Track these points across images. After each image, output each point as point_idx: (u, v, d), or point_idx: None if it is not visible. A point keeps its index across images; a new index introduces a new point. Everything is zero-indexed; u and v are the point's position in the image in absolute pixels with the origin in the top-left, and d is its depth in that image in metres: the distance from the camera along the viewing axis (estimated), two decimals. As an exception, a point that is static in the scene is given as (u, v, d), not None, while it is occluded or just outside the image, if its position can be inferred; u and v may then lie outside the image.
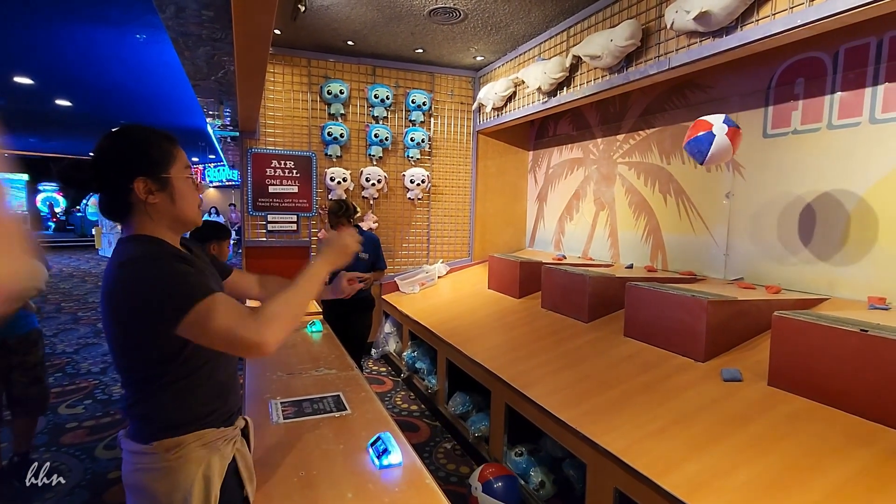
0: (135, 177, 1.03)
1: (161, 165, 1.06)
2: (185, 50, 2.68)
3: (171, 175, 1.07)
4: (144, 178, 1.04)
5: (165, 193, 1.07)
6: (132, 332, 1.00)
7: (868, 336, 1.69)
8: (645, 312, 2.58)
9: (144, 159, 1.05)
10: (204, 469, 1.09)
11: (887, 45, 2.25)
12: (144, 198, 1.04)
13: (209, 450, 1.11)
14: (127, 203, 1.05)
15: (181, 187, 1.09)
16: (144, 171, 1.04)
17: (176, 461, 1.07)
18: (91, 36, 4.92)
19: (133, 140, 1.07)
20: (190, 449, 1.08)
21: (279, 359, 2.38)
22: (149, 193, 1.04)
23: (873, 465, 1.48)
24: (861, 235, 2.37)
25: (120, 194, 1.05)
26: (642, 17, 2.83)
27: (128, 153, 1.05)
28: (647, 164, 3.60)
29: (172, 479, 1.06)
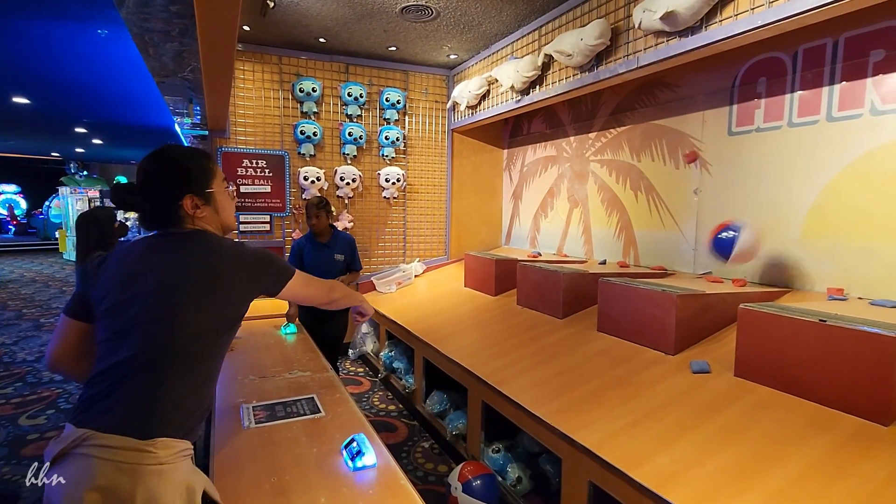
0: (183, 195, 1.16)
1: (205, 182, 1.20)
2: (150, 47, 2.59)
3: (214, 189, 1.22)
4: (192, 196, 1.17)
5: (210, 207, 1.21)
6: (219, 301, 1.13)
7: (826, 326, 1.76)
8: (617, 307, 2.63)
9: (190, 178, 1.18)
10: (189, 480, 1.06)
11: (842, 46, 2.34)
12: (192, 213, 1.18)
13: (188, 462, 1.09)
14: (175, 216, 1.18)
15: (222, 199, 1.25)
16: (191, 189, 1.17)
17: (168, 466, 1.01)
18: (49, 30, 4.72)
19: (177, 161, 1.18)
20: (179, 456, 1.05)
21: (251, 362, 2.33)
22: (195, 208, 1.18)
23: (832, 450, 1.54)
24: (820, 229, 2.46)
25: (170, 211, 1.17)
26: (611, 16, 2.87)
27: (175, 174, 1.17)
28: (618, 162, 3.67)
29: (160, 484, 0.99)
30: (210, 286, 1.12)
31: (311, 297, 1.42)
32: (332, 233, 3.32)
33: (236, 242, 1.23)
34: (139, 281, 1.10)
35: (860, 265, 2.31)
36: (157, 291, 1.08)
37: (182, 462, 1.06)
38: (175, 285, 1.09)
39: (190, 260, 1.12)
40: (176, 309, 1.07)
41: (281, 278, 1.28)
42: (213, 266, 1.13)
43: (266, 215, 4.42)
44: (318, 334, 3.09)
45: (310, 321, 3.21)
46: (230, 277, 1.15)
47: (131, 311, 1.07)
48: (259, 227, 4.41)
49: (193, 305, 1.09)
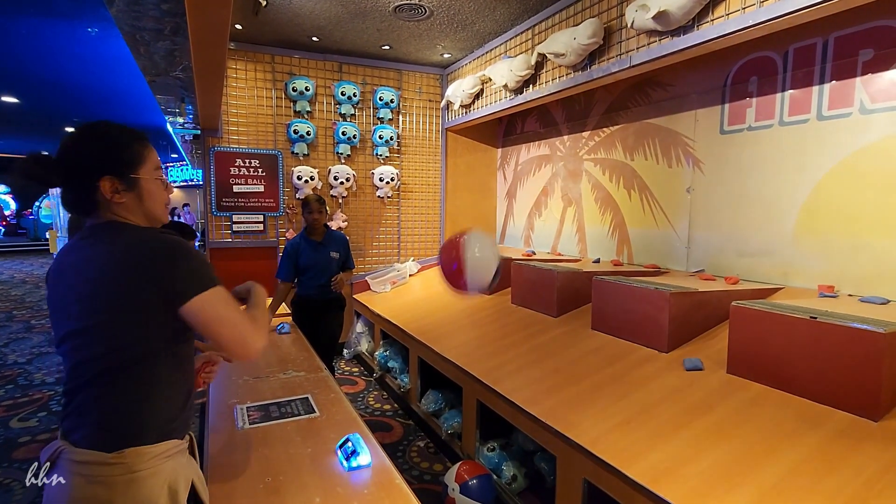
0: (101, 176, 1.02)
1: (130, 166, 1.05)
2: (141, 45, 2.57)
3: (140, 176, 1.07)
4: (111, 178, 1.03)
5: (133, 193, 1.06)
6: (136, 310, 0.98)
7: (816, 322, 1.77)
8: (611, 306, 2.64)
9: (113, 159, 1.04)
10: (171, 481, 1.04)
11: (832, 46, 2.36)
12: (110, 197, 1.03)
13: (175, 461, 1.06)
14: (93, 200, 1.04)
15: (150, 187, 1.09)
16: (111, 171, 1.03)
17: (145, 473, 1.00)
18: (38, 28, 4.67)
19: (102, 139, 1.05)
20: (158, 460, 1.02)
21: (245, 363, 2.32)
22: (115, 193, 1.03)
23: (823, 445, 1.56)
24: (811, 227, 2.48)
25: (85, 192, 1.03)
26: (604, 15, 2.88)
27: (95, 152, 1.03)
28: (611, 161, 3.68)
29: (137, 492, 0.99)
30: (116, 293, 0.98)
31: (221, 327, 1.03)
32: (325, 231, 3.29)
33: (156, 235, 1.04)
34: (59, 288, 1.04)
35: (850, 262, 2.34)
36: (74, 301, 1.00)
37: (163, 465, 1.03)
38: (86, 294, 0.99)
39: (98, 264, 1.00)
40: (90, 320, 0.99)
41: (194, 282, 1.00)
42: (119, 268, 0.99)
43: (259, 215, 4.40)
44: (314, 334, 3.08)
45: (305, 321, 3.19)
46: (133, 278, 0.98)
47: (60, 322, 1.03)
48: (252, 227, 4.39)
49: (105, 316, 0.98)
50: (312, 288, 3.19)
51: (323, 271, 3.19)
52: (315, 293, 3.20)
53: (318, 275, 3.18)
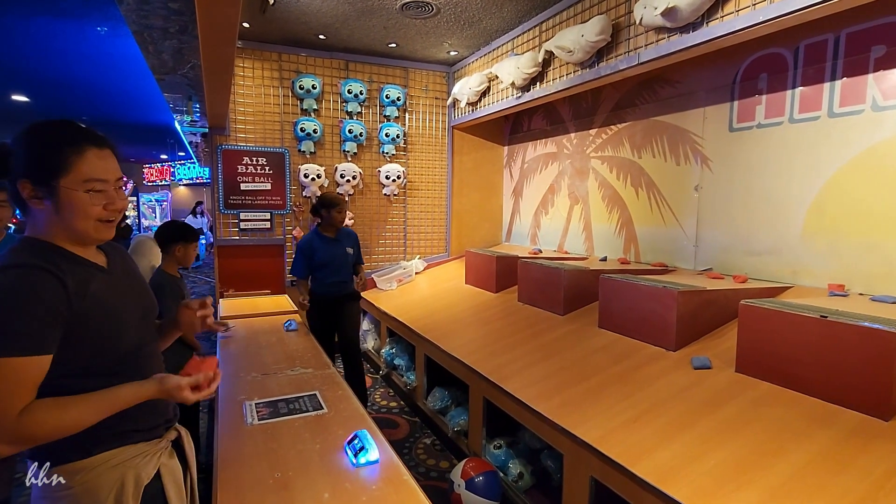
0: (20, 178, 0.95)
1: (49, 173, 0.95)
2: (150, 44, 2.59)
3: (60, 185, 0.95)
4: (29, 182, 0.95)
5: (51, 202, 0.96)
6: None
7: (827, 322, 1.76)
8: (618, 304, 2.63)
9: (32, 163, 0.95)
10: (116, 494, 1.00)
11: (844, 42, 2.34)
12: (28, 201, 0.97)
13: (123, 470, 1.02)
14: (21, 200, 0.97)
15: (71, 200, 0.96)
16: (28, 175, 0.95)
17: (81, 487, 0.98)
18: (48, 28, 4.71)
19: (32, 139, 0.97)
20: (98, 472, 0.99)
21: (253, 359, 2.34)
22: (33, 198, 0.96)
23: (833, 445, 1.54)
24: (821, 225, 2.46)
25: (13, 189, 0.97)
26: (612, 12, 2.87)
27: (21, 152, 0.96)
28: (619, 159, 3.66)
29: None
30: None
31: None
32: (337, 227, 3.31)
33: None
34: None
35: (861, 261, 2.32)
36: None
37: (102, 477, 1.00)
38: None
39: None
40: None
41: None
42: None
43: (266, 213, 4.42)
44: (332, 329, 3.12)
45: (324, 316, 3.21)
46: None
47: None
48: (259, 225, 4.41)
49: None
50: (330, 284, 3.23)
51: (340, 267, 3.23)
52: (334, 289, 3.23)
53: (334, 271, 3.22)
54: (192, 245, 2.52)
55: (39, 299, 0.90)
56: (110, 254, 1.12)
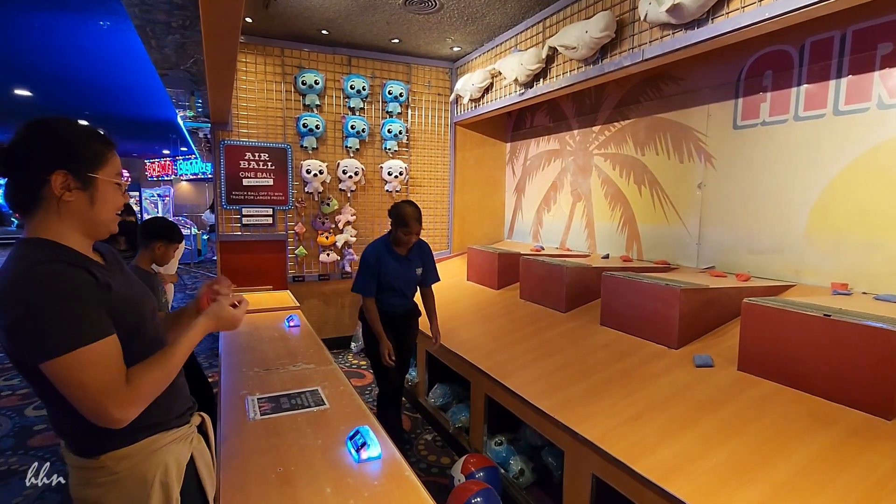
0: (54, 169, 0.94)
1: (89, 164, 0.99)
2: (152, 39, 2.59)
3: (98, 176, 1.00)
4: (65, 173, 0.95)
5: (86, 194, 0.99)
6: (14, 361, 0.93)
7: (830, 320, 1.75)
8: (620, 301, 2.63)
9: (71, 153, 0.97)
10: (161, 475, 1.05)
11: (850, 39, 2.32)
12: (59, 193, 0.96)
13: (164, 454, 1.06)
14: (37, 196, 0.96)
15: (105, 191, 1.01)
16: (66, 165, 0.96)
17: (128, 472, 1.01)
18: (51, 22, 4.71)
19: (62, 132, 0.98)
20: (143, 457, 1.03)
21: (256, 354, 2.35)
22: (66, 190, 0.96)
23: (835, 444, 1.54)
24: (825, 224, 2.45)
25: (31, 185, 0.95)
26: (616, 8, 2.85)
27: (53, 143, 0.96)
28: (622, 156, 3.65)
29: (126, 490, 1.01)
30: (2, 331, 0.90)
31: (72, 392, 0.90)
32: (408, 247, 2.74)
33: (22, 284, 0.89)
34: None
35: (865, 260, 2.31)
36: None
37: (147, 461, 1.04)
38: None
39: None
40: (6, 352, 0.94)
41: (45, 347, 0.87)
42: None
43: (268, 208, 4.42)
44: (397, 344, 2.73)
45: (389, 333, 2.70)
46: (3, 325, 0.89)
47: None
48: (262, 221, 4.41)
49: (7, 351, 0.92)
50: (396, 305, 2.74)
51: (407, 288, 2.77)
52: (399, 310, 2.76)
53: (402, 292, 2.75)
54: (174, 246, 2.45)
55: (84, 288, 0.93)
56: (105, 254, 1.13)
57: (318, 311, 4.68)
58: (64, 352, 0.88)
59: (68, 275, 0.92)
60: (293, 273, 4.56)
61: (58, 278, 0.90)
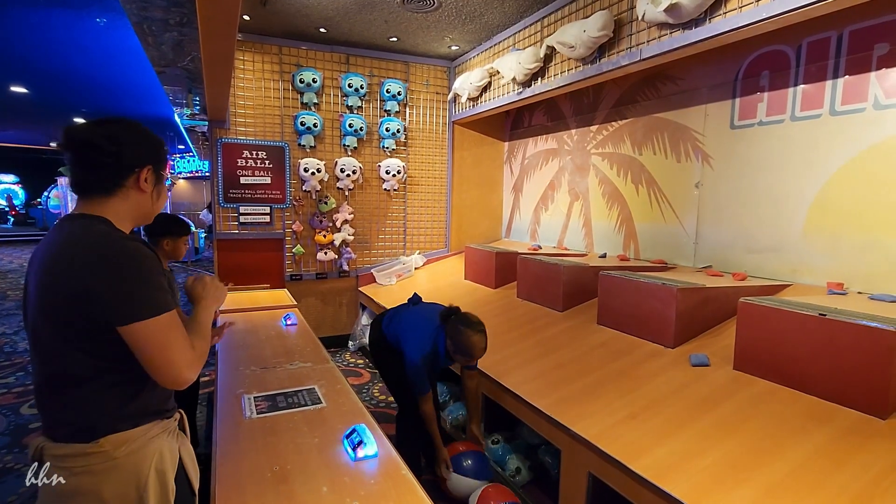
0: (146, 163, 1.12)
1: (163, 164, 1.18)
2: (149, 36, 2.58)
3: (165, 174, 1.20)
4: (152, 168, 1.13)
5: (156, 188, 1.17)
6: (86, 321, 0.98)
7: (826, 320, 1.76)
8: (617, 300, 2.64)
9: (158, 153, 1.16)
10: (157, 462, 1.08)
11: (847, 40, 2.33)
12: (141, 185, 1.11)
13: (159, 442, 1.10)
14: (120, 183, 1.09)
15: (162, 188, 1.20)
16: (155, 162, 1.14)
17: (126, 458, 1.04)
18: (47, 19, 4.69)
19: (151, 134, 1.16)
20: (141, 443, 1.06)
21: (252, 353, 2.34)
22: (147, 182, 1.13)
23: (830, 443, 1.55)
24: (821, 224, 2.46)
25: (122, 173, 1.09)
26: (615, 8, 2.85)
27: (149, 142, 1.14)
28: (619, 155, 3.66)
29: (124, 477, 1.03)
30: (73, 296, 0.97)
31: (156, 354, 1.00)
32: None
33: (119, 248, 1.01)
34: (29, 278, 1.06)
35: (860, 260, 2.32)
36: (33, 294, 1.03)
37: (145, 448, 1.07)
38: (49, 289, 1.00)
39: (51, 254, 1.01)
40: (42, 331, 1.01)
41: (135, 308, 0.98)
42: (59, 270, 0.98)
43: (266, 206, 4.41)
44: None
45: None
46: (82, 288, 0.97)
47: (27, 310, 1.07)
48: (259, 219, 4.40)
49: (66, 315, 0.99)
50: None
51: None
52: None
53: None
54: (182, 239, 2.44)
55: (158, 265, 1.07)
56: None
57: (316, 310, 4.68)
58: (154, 314, 1.00)
59: (148, 251, 1.06)
60: (290, 271, 4.56)
61: (143, 252, 1.04)
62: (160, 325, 1.01)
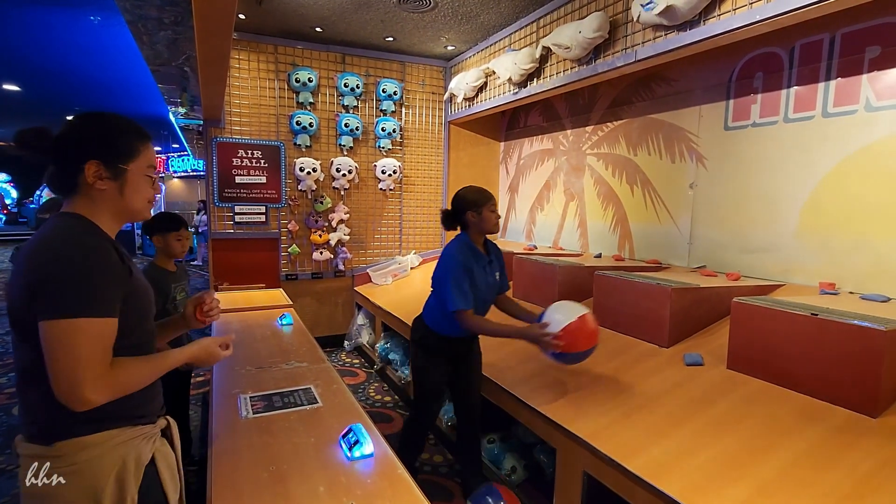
0: (88, 159, 1.03)
1: (121, 156, 1.07)
2: (144, 35, 2.57)
3: (129, 168, 1.08)
4: (97, 163, 1.04)
5: (116, 183, 1.07)
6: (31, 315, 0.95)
7: (818, 319, 1.78)
8: (612, 300, 2.65)
9: (105, 145, 1.05)
10: (118, 471, 1.03)
11: (839, 42, 2.35)
12: (92, 182, 1.04)
13: (125, 449, 1.05)
14: (74, 182, 1.05)
15: (135, 182, 1.10)
16: (99, 156, 1.04)
17: (86, 464, 1.00)
18: (41, 16, 4.65)
19: (101, 124, 1.07)
20: (104, 449, 1.02)
21: (248, 352, 2.34)
22: (98, 178, 1.05)
23: (822, 441, 1.57)
24: (813, 224, 2.48)
25: (70, 171, 1.04)
26: (610, 9, 2.87)
27: (89, 134, 1.06)
28: (614, 156, 3.67)
29: (81, 484, 0.99)
30: (23, 288, 0.96)
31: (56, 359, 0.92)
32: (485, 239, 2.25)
33: (69, 242, 0.97)
34: (11, 274, 1.05)
35: (852, 260, 2.34)
36: (7, 287, 1.02)
37: (107, 454, 1.02)
38: (12, 283, 0.99)
39: (28, 253, 0.98)
40: (12, 313, 0.99)
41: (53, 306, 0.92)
42: (24, 266, 0.97)
43: (262, 206, 4.40)
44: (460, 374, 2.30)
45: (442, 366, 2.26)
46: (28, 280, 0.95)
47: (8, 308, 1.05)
48: (254, 219, 4.39)
49: (19, 309, 0.97)
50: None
51: (487, 300, 2.22)
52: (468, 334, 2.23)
53: (484, 309, 2.22)
54: (171, 235, 2.38)
55: (114, 267, 1.01)
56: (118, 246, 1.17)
57: (312, 310, 4.67)
58: (68, 315, 0.92)
59: (100, 247, 1.00)
60: (286, 271, 4.55)
61: (89, 248, 0.98)
62: (70, 329, 0.91)
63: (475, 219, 2.13)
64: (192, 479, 2.43)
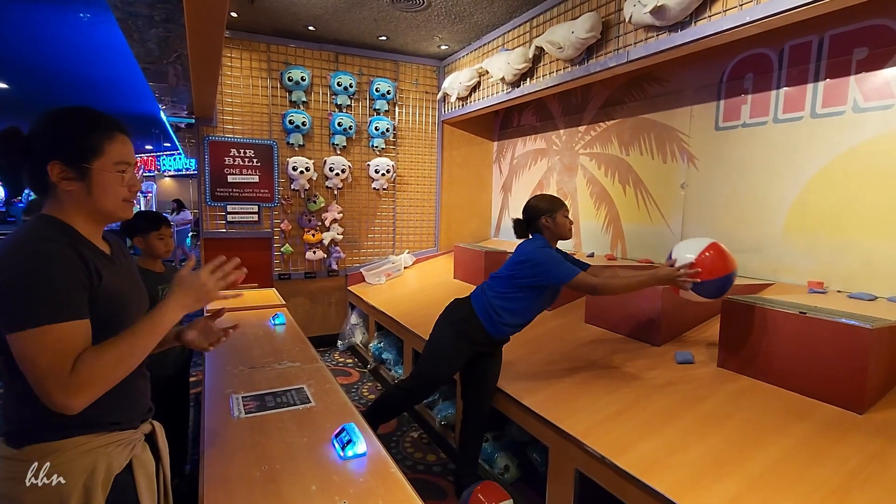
0: (50, 160, 0.99)
1: (82, 155, 1.01)
2: (135, 32, 2.54)
3: (93, 167, 1.01)
4: (60, 164, 0.99)
5: (82, 183, 1.01)
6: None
7: (806, 318, 1.81)
8: (604, 300, 2.67)
9: (65, 146, 1.00)
10: (85, 479, 0.99)
11: (827, 44, 2.38)
12: (57, 182, 1.00)
13: (94, 456, 1.01)
14: (44, 182, 1.02)
15: (103, 181, 1.03)
16: (61, 157, 0.99)
17: (53, 470, 0.96)
18: (29, 12, 4.59)
19: (63, 123, 1.02)
20: (70, 456, 0.98)
21: (241, 352, 2.33)
22: (62, 179, 1.00)
23: (810, 437, 1.59)
24: (802, 224, 2.52)
25: (37, 172, 1.01)
26: (602, 9, 2.88)
27: (49, 135, 1.00)
28: (607, 156, 3.69)
29: (46, 490, 0.95)
30: None
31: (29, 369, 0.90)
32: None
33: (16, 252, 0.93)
34: None
35: (840, 259, 2.37)
36: None
37: (77, 461, 0.99)
38: None
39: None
40: None
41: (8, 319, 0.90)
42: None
43: (254, 205, 4.38)
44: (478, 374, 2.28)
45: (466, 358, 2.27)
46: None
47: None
48: (247, 218, 4.37)
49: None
50: (516, 327, 2.23)
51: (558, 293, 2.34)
52: (512, 332, 2.26)
53: (553, 297, 2.32)
54: (152, 234, 2.30)
55: (73, 270, 0.96)
56: (112, 245, 1.14)
57: (304, 309, 4.66)
58: (24, 327, 0.89)
59: (62, 253, 0.95)
60: (279, 271, 4.53)
61: (49, 255, 0.94)
62: (27, 340, 0.89)
63: (549, 224, 2.19)
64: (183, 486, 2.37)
